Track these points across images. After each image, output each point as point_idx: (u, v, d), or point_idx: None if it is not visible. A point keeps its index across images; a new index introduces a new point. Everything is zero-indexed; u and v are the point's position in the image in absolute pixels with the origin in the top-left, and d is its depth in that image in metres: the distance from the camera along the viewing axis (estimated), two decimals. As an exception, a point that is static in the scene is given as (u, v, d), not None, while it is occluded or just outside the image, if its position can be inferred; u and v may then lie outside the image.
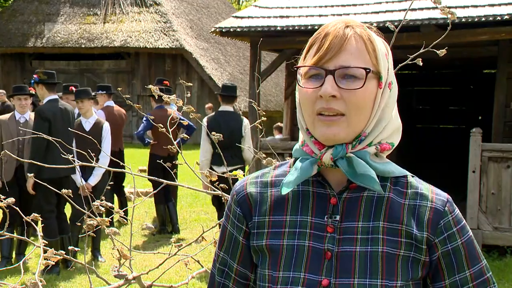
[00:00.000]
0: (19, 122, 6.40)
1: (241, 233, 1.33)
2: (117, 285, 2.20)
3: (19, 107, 6.47)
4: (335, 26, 1.22)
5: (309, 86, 1.22)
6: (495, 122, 7.68)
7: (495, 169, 6.85)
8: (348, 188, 1.25)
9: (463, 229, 1.26)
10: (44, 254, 2.01)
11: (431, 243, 1.23)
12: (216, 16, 24.66)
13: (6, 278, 5.93)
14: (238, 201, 1.34)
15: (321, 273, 1.22)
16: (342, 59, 1.19)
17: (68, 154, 2.54)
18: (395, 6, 7.24)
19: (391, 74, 1.26)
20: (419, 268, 1.23)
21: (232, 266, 1.36)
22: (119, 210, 2.25)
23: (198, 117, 2.63)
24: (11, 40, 21.58)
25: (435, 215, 1.23)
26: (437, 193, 1.27)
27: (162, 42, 20.63)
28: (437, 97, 12.51)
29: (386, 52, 1.25)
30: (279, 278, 1.24)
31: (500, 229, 6.84)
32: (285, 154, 6.94)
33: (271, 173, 1.36)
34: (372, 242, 1.21)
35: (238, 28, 7.71)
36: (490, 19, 6.51)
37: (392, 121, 1.26)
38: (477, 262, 1.26)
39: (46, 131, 5.73)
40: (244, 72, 21.85)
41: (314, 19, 7.48)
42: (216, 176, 2.41)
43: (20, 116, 6.47)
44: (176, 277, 5.94)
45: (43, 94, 6.19)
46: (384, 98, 1.23)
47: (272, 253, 1.27)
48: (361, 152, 1.22)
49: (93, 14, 22.06)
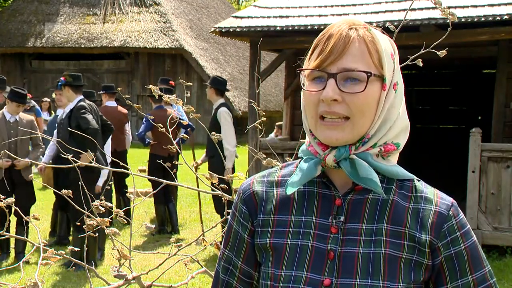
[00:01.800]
0: (9, 122, 6.54)
1: (246, 231, 1.34)
2: (117, 285, 2.20)
3: (13, 111, 6.56)
4: (339, 27, 1.22)
5: (312, 88, 1.21)
6: (494, 122, 7.68)
7: (494, 169, 6.85)
8: (354, 189, 1.25)
9: (467, 234, 1.25)
10: (44, 254, 2.01)
11: (434, 246, 1.22)
12: (215, 16, 24.66)
13: (6, 278, 5.93)
14: (244, 199, 1.35)
15: (324, 272, 1.22)
16: (345, 62, 1.18)
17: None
18: (394, 6, 7.24)
19: (397, 75, 1.25)
20: (421, 271, 1.23)
21: (237, 264, 1.36)
22: (118, 210, 2.25)
23: (198, 117, 2.63)
24: (11, 40, 21.56)
25: (439, 219, 1.23)
26: (442, 197, 1.27)
27: (161, 42, 20.62)
28: (437, 97, 12.51)
29: (392, 52, 1.24)
30: (282, 276, 1.25)
31: (500, 229, 6.84)
32: (284, 154, 6.94)
33: (277, 172, 1.36)
34: (375, 244, 1.21)
35: (238, 28, 7.71)
36: (489, 19, 6.51)
37: (398, 121, 1.25)
38: (480, 267, 1.25)
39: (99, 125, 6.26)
40: (244, 72, 21.84)
41: (314, 19, 7.48)
42: (217, 178, 2.41)
43: (11, 116, 6.59)
44: (176, 277, 5.94)
45: (70, 96, 6.42)
46: (388, 99, 1.22)
47: (275, 251, 1.27)
48: (363, 154, 1.22)
49: (93, 14, 22.04)
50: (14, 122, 6.52)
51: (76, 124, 6.18)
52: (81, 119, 6.21)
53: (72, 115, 6.30)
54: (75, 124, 6.19)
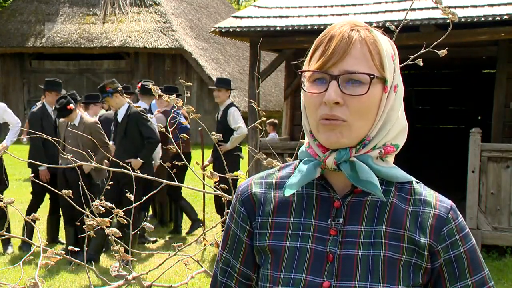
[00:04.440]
0: (69, 125, 6.64)
1: (244, 233, 1.33)
2: (117, 285, 2.20)
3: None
4: (341, 28, 1.21)
5: (313, 90, 1.20)
6: (494, 122, 7.68)
7: (494, 169, 6.85)
8: (353, 192, 1.25)
9: (466, 237, 1.25)
10: (44, 254, 2.01)
11: (434, 250, 1.22)
12: (215, 16, 24.65)
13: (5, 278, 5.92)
14: (242, 201, 1.34)
15: (323, 275, 1.21)
16: (347, 64, 1.18)
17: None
18: (394, 6, 7.24)
19: (397, 77, 1.24)
20: (421, 274, 1.22)
21: (235, 266, 1.35)
22: (118, 210, 2.25)
23: (198, 117, 2.63)
24: (11, 40, 21.56)
25: (438, 222, 1.23)
26: (441, 200, 1.27)
27: (161, 42, 20.62)
28: (437, 97, 12.51)
29: (392, 54, 1.24)
30: (281, 279, 1.24)
31: (500, 229, 6.83)
32: (284, 154, 6.94)
33: (276, 174, 1.35)
34: (374, 246, 1.21)
35: (238, 28, 7.71)
36: (489, 19, 6.51)
37: (397, 123, 1.24)
38: (479, 270, 1.25)
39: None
40: (244, 72, 21.83)
41: (314, 19, 7.48)
42: (218, 177, 2.41)
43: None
44: (176, 277, 5.94)
45: (120, 101, 6.57)
46: (389, 101, 1.22)
47: (274, 253, 1.27)
48: (364, 156, 1.21)
49: (93, 14, 22.04)
50: (72, 126, 6.61)
51: (136, 128, 6.51)
52: (145, 127, 6.51)
53: (132, 119, 6.51)
54: (135, 128, 6.50)
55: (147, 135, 6.49)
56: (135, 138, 6.55)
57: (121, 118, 6.62)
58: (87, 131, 6.42)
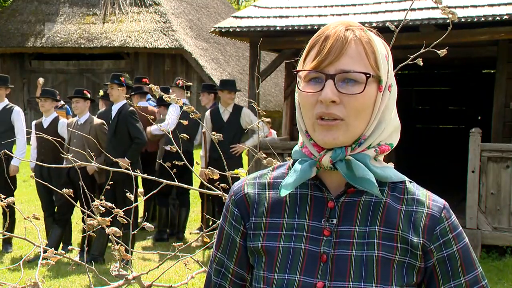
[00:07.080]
0: (77, 124, 6.68)
1: (238, 234, 1.33)
2: (117, 285, 2.20)
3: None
4: (336, 28, 1.21)
5: (309, 89, 1.21)
6: (494, 122, 7.69)
7: (494, 169, 6.85)
8: (346, 192, 1.25)
9: (459, 236, 1.26)
10: (44, 254, 2.01)
11: (427, 249, 1.23)
12: (215, 16, 24.64)
13: (5, 277, 5.93)
14: (236, 202, 1.33)
15: (316, 275, 1.22)
16: (343, 63, 1.18)
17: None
18: (394, 6, 7.25)
19: (391, 76, 1.25)
20: (414, 273, 1.23)
21: (229, 267, 1.35)
22: (118, 210, 2.25)
23: (198, 117, 2.63)
24: (11, 40, 21.55)
25: (431, 221, 1.23)
26: (434, 199, 1.27)
27: (161, 42, 20.61)
28: (437, 97, 12.52)
29: (386, 54, 1.25)
30: (274, 279, 1.24)
31: (500, 229, 6.84)
32: (284, 154, 6.95)
33: (269, 174, 1.35)
34: (368, 247, 1.21)
35: (238, 28, 7.71)
36: (489, 19, 6.51)
37: (391, 122, 1.25)
38: (472, 269, 1.26)
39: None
40: (244, 72, 21.83)
41: (314, 19, 7.48)
42: (218, 175, 2.41)
43: (78, 119, 6.78)
44: (175, 277, 5.94)
45: (118, 97, 6.58)
46: (384, 101, 1.23)
47: (268, 254, 1.27)
48: (361, 155, 1.22)
49: (93, 14, 22.03)
50: (79, 124, 6.63)
51: (125, 128, 6.48)
52: (133, 127, 6.48)
53: (122, 118, 6.49)
54: (124, 127, 6.48)
55: (135, 135, 6.47)
56: (124, 137, 6.55)
57: (113, 116, 6.63)
58: (93, 132, 6.43)
